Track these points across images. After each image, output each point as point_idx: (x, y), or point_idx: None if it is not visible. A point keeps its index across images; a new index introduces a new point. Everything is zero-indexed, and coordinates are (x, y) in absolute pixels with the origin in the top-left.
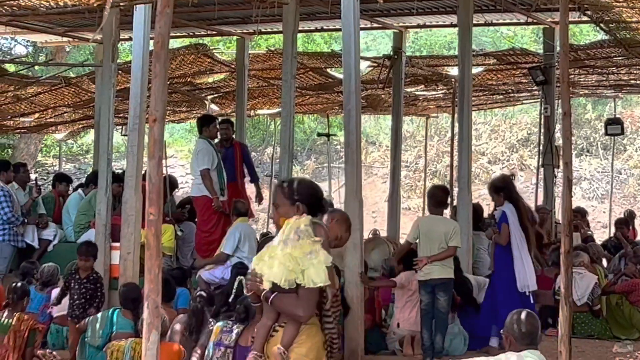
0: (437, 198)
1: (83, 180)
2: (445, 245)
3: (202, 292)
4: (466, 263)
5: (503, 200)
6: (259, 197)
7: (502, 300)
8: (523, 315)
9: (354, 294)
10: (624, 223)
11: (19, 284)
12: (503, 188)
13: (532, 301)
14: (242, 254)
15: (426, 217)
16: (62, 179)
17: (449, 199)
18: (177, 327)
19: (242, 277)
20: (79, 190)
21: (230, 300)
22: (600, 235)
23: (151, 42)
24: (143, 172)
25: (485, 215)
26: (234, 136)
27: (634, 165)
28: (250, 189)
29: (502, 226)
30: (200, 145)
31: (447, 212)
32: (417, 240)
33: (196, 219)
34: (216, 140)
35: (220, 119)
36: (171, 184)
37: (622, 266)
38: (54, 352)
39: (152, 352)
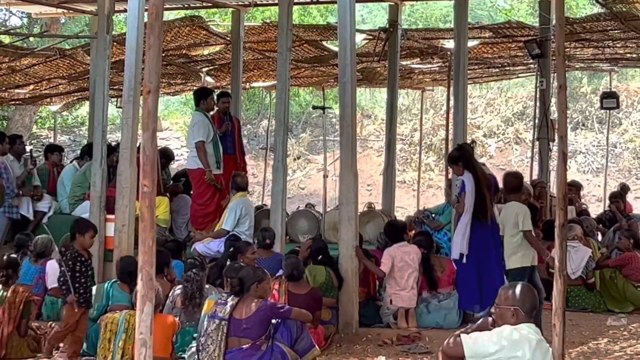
0: (510, 184)
1: (78, 152)
2: (514, 232)
3: (194, 258)
4: None
5: (463, 169)
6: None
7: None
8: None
9: (348, 267)
10: (619, 197)
11: (9, 258)
12: (460, 157)
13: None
14: (241, 229)
15: (504, 205)
16: (54, 149)
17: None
18: (177, 299)
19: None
20: (74, 162)
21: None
22: (595, 209)
23: (146, 13)
24: (138, 144)
25: None
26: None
27: (629, 139)
28: None
29: (461, 195)
30: (197, 118)
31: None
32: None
33: (191, 192)
34: (212, 113)
35: (216, 91)
36: (167, 156)
37: (616, 240)
38: (52, 324)
39: (146, 323)
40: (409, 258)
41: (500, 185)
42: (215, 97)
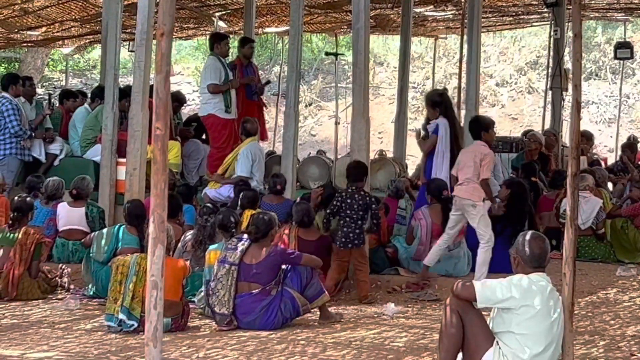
0: None
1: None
2: None
3: (209, 205)
4: None
5: (438, 114)
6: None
7: None
8: (533, 237)
9: None
10: (630, 147)
11: (24, 200)
12: (440, 103)
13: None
14: (251, 174)
15: None
16: (70, 95)
17: None
18: (188, 244)
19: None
20: (85, 104)
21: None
22: (608, 160)
23: None
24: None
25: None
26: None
27: None
28: None
29: (431, 136)
30: (208, 62)
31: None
32: None
33: (202, 137)
34: (230, 59)
35: (229, 37)
36: (179, 100)
37: (627, 191)
38: (63, 266)
39: (158, 266)
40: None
41: None
42: (230, 42)
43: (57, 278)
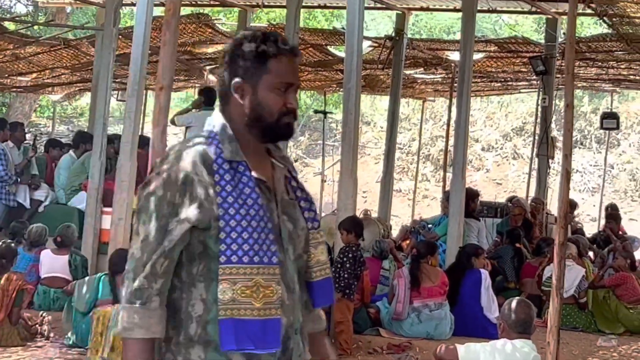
0: None
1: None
2: None
3: None
4: (455, 250)
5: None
6: None
7: None
8: (519, 303)
9: None
10: (614, 218)
11: (8, 246)
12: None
13: None
14: None
15: None
16: (55, 144)
17: None
18: None
19: None
20: (71, 151)
21: None
22: (590, 229)
23: (155, 8)
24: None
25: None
26: None
27: (626, 160)
28: None
29: None
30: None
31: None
32: None
33: None
34: None
35: None
36: None
37: (611, 260)
38: (44, 313)
39: None
40: None
41: None
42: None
43: (37, 325)
